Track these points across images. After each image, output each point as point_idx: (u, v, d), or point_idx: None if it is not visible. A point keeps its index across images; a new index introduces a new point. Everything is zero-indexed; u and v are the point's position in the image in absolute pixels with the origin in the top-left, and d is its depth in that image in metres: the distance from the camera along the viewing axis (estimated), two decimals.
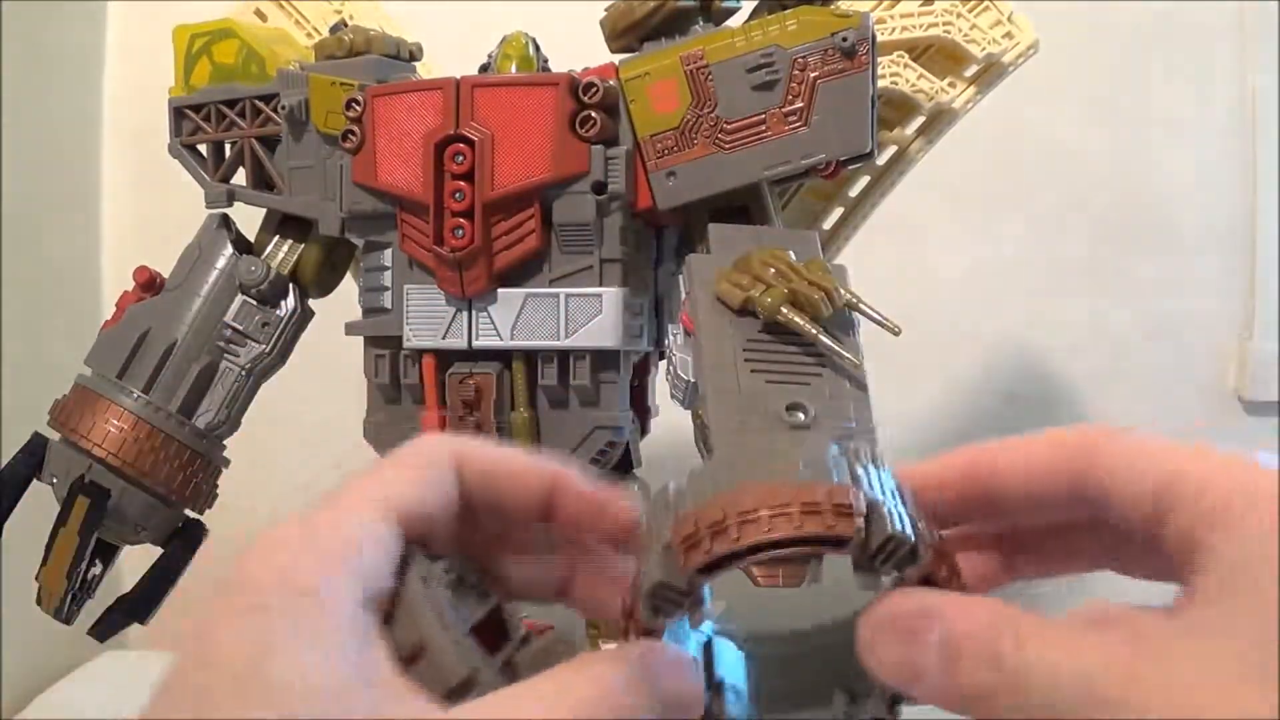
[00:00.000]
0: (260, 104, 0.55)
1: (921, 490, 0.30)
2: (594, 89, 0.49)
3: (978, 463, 0.30)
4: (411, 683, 0.25)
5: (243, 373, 0.57)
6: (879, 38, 0.51)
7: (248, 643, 0.24)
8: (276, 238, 0.58)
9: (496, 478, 0.31)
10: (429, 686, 0.26)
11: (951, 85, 0.57)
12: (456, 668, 0.27)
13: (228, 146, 0.57)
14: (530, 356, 0.51)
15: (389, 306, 0.53)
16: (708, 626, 0.40)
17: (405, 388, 0.53)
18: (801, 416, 0.34)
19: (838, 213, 0.61)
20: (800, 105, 0.48)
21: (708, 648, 0.40)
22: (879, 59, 0.51)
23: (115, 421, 0.55)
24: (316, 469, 0.75)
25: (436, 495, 0.29)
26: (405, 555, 0.28)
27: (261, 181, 0.56)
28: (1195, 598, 0.25)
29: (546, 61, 0.55)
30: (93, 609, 0.57)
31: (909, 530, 0.27)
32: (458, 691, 0.27)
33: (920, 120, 0.58)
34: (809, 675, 0.48)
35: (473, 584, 0.30)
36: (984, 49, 0.56)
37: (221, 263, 0.57)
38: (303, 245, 0.57)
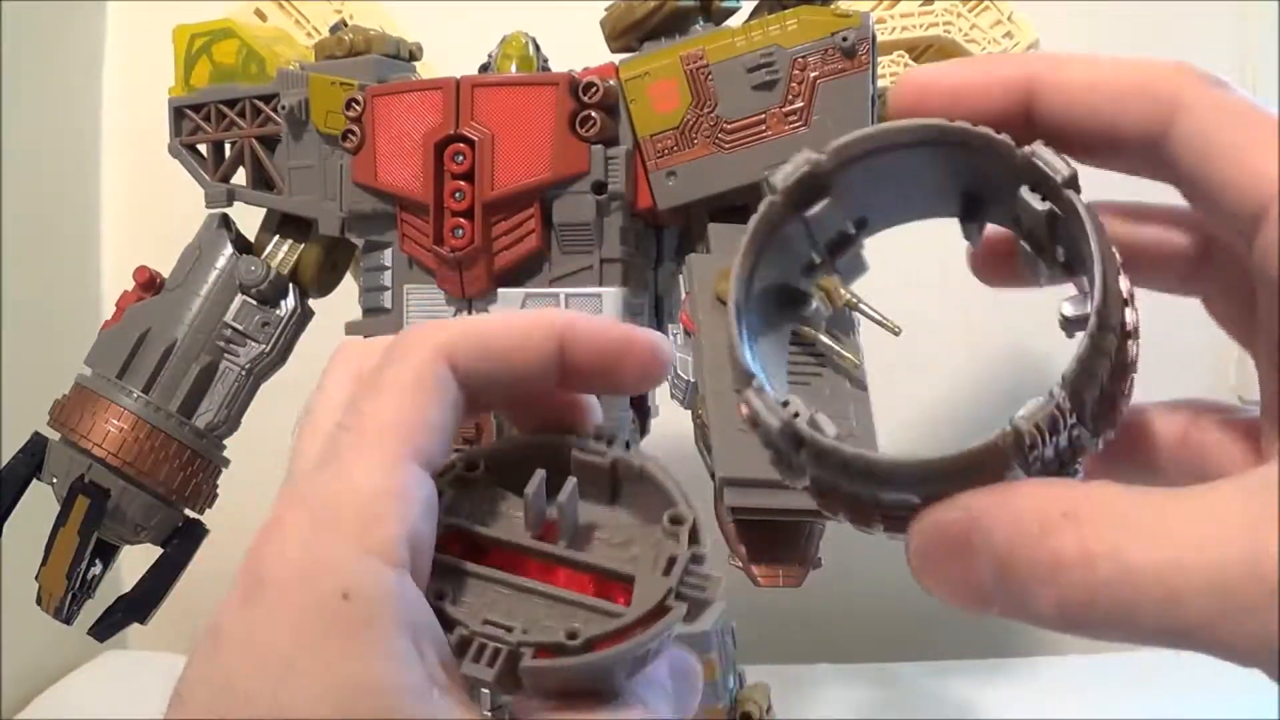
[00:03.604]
0: (260, 104, 0.55)
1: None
2: (594, 89, 0.49)
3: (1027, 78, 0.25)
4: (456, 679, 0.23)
5: (243, 373, 0.57)
6: (879, 37, 0.51)
7: (272, 658, 0.21)
8: (276, 238, 0.58)
9: (494, 357, 0.26)
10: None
11: None
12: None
13: (227, 146, 0.57)
14: None
15: (389, 306, 0.53)
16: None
17: None
18: None
19: None
20: (800, 105, 0.48)
21: None
22: (879, 59, 0.51)
23: (115, 421, 0.55)
24: None
25: (444, 410, 0.25)
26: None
27: (261, 181, 0.56)
28: None
29: (546, 61, 0.55)
30: (93, 609, 0.57)
31: None
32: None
33: None
34: None
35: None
36: (984, 49, 0.56)
37: (221, 262, 0.57)
38: (303, 245, 0.57)
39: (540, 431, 0.28)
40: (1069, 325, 0.25)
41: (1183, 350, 0.92)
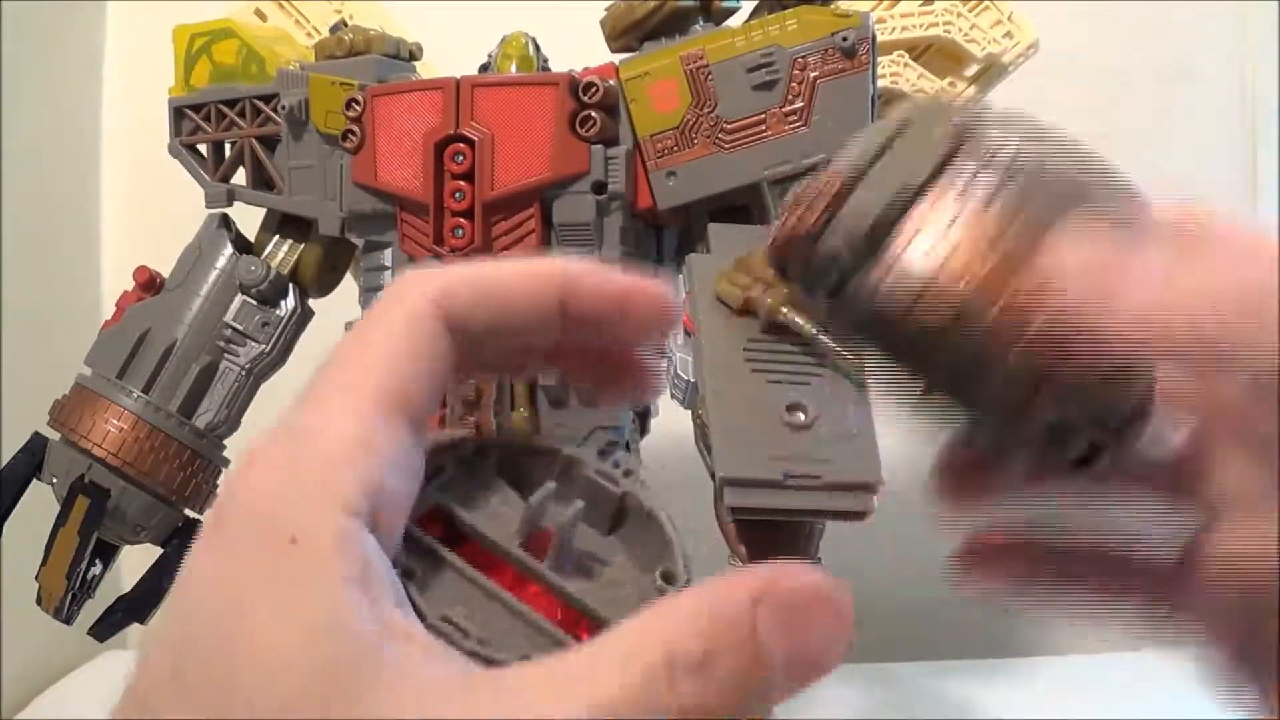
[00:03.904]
0: (260, 104, 0.55)
1: None
2: (594, 89, 0.49)
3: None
4: (420, 632, 0.22)
5: (243, 373, 0.57)
6: (879, 37, 0.51)
7: (222, 602, 0.21)
8: (276, 238, 0.58)
9: (492, 305, 0.25)
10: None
11: (952, 85, 0.57)
12: None
13: (227, 146, 0.57)
14: None
15: None
16: None
17: None
18: (801, 416, 0.34)
19: None
20: (800, 105, 0.48)
21: None
22: (879, 59, 0.51)
23: (115, 421, 0.55)
24: None
25: (431, 358, 0.24)
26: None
27: (261, 181, 0.56)
28: None
29: (546, 61, 0.55)
30: (93, 609, 0.57)
31: None
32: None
33: None
34: None
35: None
36: (984, 49, 0.56)
37: (221, 262, 0.57)
38: (303, 245, 0.57)
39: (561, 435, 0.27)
40: None
41: None
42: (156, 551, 0.58)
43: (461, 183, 0.49)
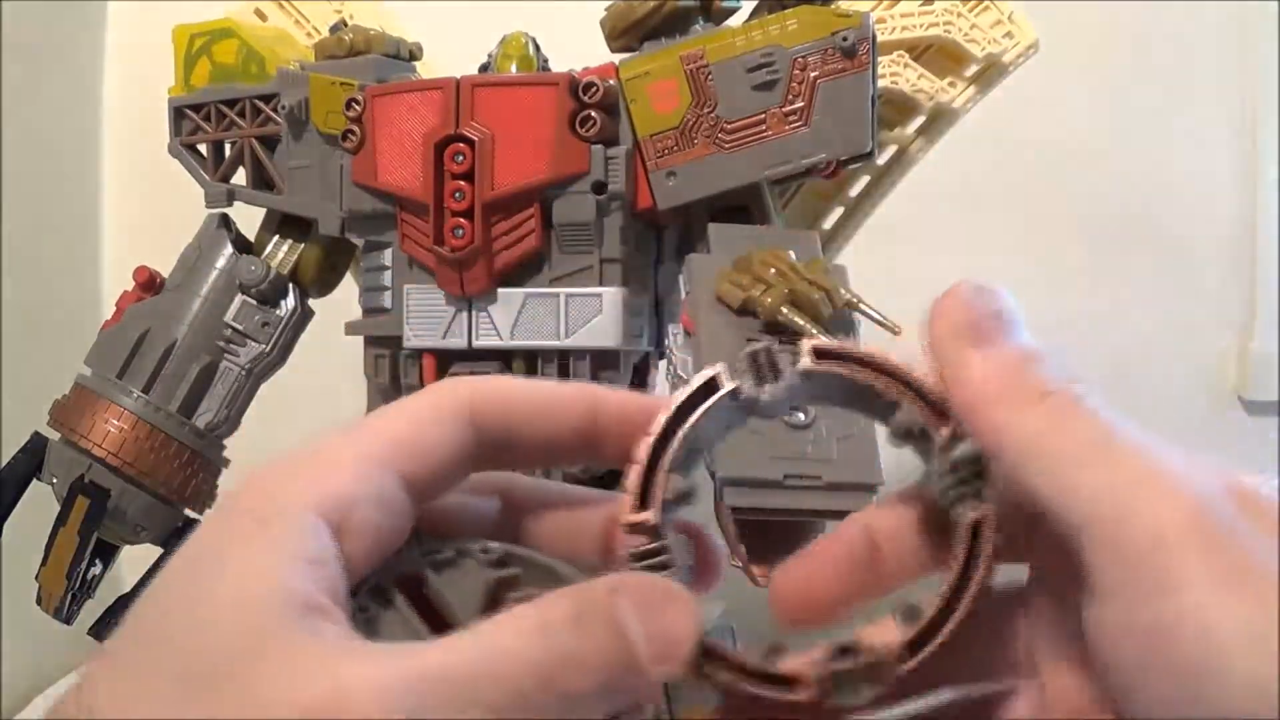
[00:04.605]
0: (260, 104, 0.55)
1: None
2: (594, 89, 0.49)
3: None
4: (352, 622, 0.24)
5: (243, 373, 0.57)
6: (879, 37, 0.51)
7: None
8: (276, 238, 0.58)
9: (522, 413, 0.27)
10: None
11: (952, 85, 0.57)
12: None
13: (227, 146, 0.57)
14: (530, 356, 0.51)
15: (389, 306, 0.53)
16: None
17: (405, 388, 0.53)
18: (801, 416, 0.34)
19: (838, 213, 0.61)
20: (800, 105, 0.48)
21: None
22: (879, 59, 0.51)
23: (115, 421, 0.55)
24: None
25: (443, 442, 0.26)
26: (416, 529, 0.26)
27: (261, 181, 0.56)
28: None
29: (546, 61, 0.55)
30: (93, 609, 0.57)
31: None
32: None
33: (920, 120, 0.58)
34: None
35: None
36: (984, 48, 0.56)
37: (221, 262, 0.57)
38: (303, 245, 0.57)
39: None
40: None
41: (1183, 351, 0.92)
42: (156, 551, 0.58)
43: (461, 183, 0.49)
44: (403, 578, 0.26)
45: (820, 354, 0.26)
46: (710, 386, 0.26)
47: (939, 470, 0.25)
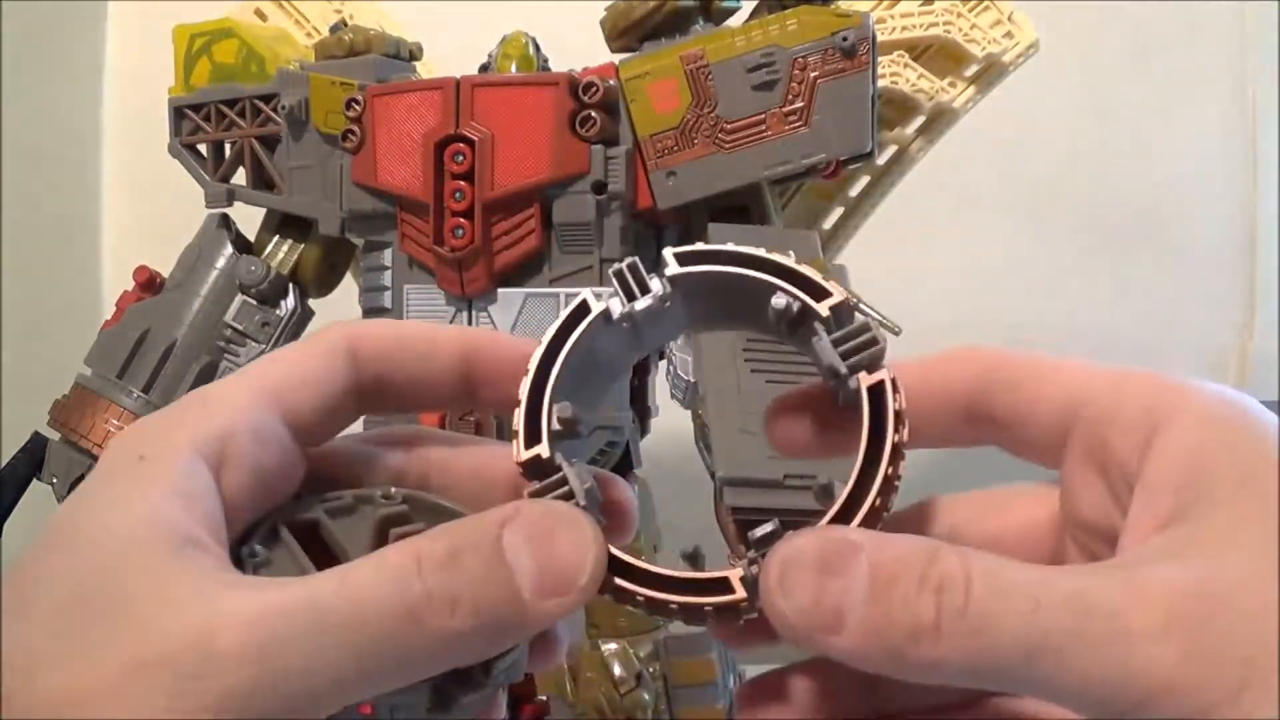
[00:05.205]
0: (260, 104, 0.55)
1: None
2: (594, 89, 0.49)
3: None
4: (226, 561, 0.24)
5: None
6: (879, 37, 0.51)
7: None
8: (276, 238, 0.58)
9: (400, 352, 0.28)
10: None
11: (951, 85, 0.57)
12: None
13: (227, 146, 0.57)
14: None
15: (389, 306, 0.53)
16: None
17: None
18: None
19: (838, 213, 0.61)
20: (800, 105, 0.48)
21: None
22: (879, 59, 0.51)
23: (115, 421, 0.55)
24: None
25: (323, 377, 0.27)
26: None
27: (261, 181, 0.56)
28: (1163, 519, 0.23)
29: (546, 61, 0.55)
30: None
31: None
32: None
33: (920, 120, 0.58)
34: None
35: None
36: (984, 48, 0.56)
37: (221, 262, 0.57)
38: (303, 245, 0.57)
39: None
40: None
41: (1183, 351, 0.92)
42: None
43: (461, 183, 0.49)
44: (297, 522, 0.27)
45: (684, 258, 0.27)
46: (580, 312, 0.27)
47: (828, 345, 0.26)
